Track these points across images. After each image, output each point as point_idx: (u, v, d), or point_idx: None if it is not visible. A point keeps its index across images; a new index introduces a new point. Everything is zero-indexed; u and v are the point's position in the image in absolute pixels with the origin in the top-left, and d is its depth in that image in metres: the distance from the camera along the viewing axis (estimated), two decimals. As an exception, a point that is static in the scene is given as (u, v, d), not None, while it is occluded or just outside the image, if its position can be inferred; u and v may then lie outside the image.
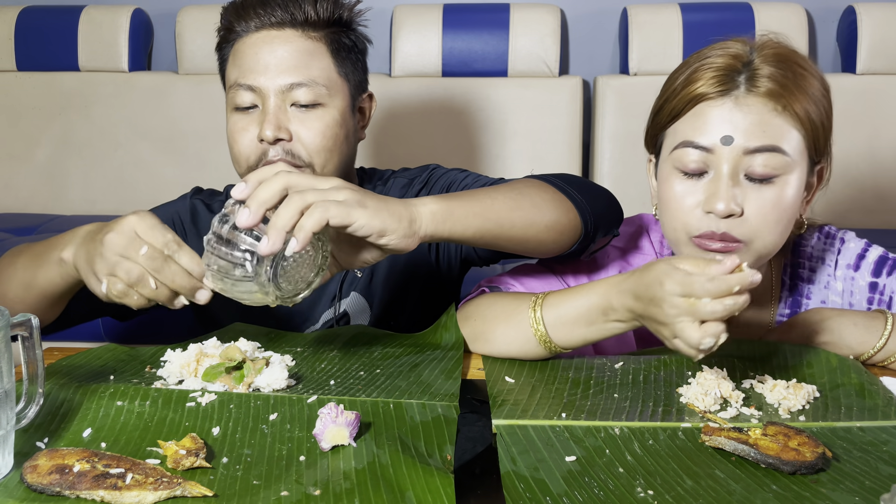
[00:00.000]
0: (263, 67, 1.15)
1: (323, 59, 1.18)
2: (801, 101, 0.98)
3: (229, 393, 0.90)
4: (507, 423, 0.84)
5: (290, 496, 0.69)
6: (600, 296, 0.93)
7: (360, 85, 1.26)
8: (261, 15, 1.17)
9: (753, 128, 0.97)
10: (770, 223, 0.98)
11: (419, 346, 1.06)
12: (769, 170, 0.97)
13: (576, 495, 0.71)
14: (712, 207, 0.97)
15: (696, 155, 0.99)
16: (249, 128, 1.17)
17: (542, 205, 1.00)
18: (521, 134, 2.63)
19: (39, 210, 2.72)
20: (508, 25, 2.63)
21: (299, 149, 1.16)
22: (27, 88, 2.74)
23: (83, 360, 1.00)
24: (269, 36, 1.17)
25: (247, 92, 1.16)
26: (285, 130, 1.15)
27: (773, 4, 2.60)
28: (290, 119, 1.16)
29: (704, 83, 0.99)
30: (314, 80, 1.16)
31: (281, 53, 1.16)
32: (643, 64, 2.60)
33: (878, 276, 1.11)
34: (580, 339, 0.96)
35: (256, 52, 1.16)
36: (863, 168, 2.51)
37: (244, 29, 1.18)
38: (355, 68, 1.24)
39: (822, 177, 1.07)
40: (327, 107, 1.17)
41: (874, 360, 1.01)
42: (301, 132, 1.16)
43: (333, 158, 1.19)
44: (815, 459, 0.74)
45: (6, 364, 0.72)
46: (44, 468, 0.70)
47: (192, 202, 1.30)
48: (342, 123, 1.19)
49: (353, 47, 1.23)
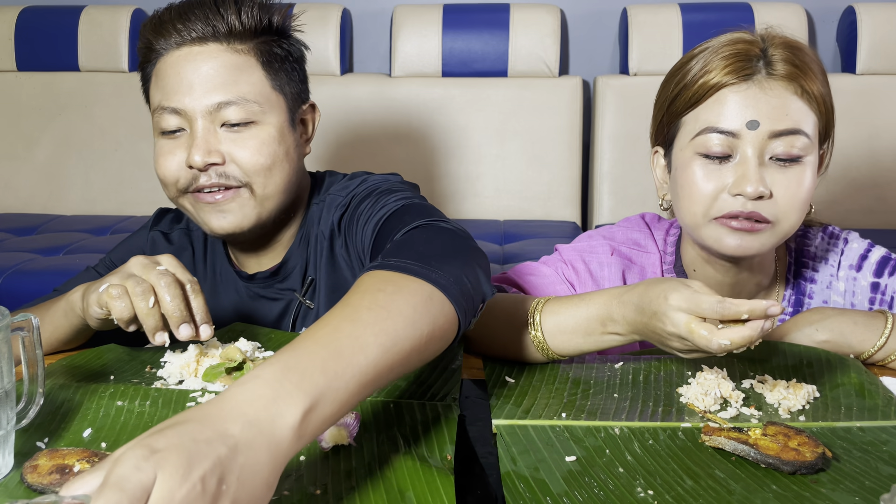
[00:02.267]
0: (187, 88, 1.06)
1: (253, 73, 1.08)
2: (816, 83, 1.01)
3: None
4: (507, 423, 0.84)
5: (290, 496, 0.69)
6: (600, 306, 0.93)
7: (298, 96, 1.15)
8: (180, 30, 1.07)
9: (777, 111, 0.99)
10: (797, 203, 1.00)
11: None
12: (795, 151, 0.99)
13: (576, 495, 0.71)
14: (742, 190, 0.99)
15: (721, 140, 1.00)
16: (176, 151, 1.08)
17: (415, 319, 0.73)
18: (521, 134, 2.63)
19: (39, 210, 2.72)
20: (508, 25, 2.63)
21: (234, 170, 1.07)
22: (27, 88, 2.74)
23: (83, 360, 1.00)
24: (191, 53, 1.07)
25: (172, 115, 1.07)
26: (216, 153, 1.06)
27: (773, 4, 2.61)
28: (220, 140, 1.07)
29: (724, 69, 1.00)
30: (244, 98, 1.07)
31: (205, 71, 1.06)
32: (643, 64, 2.60)
33: (879, 276, 1.12)
34: (576, 348, 0.96)
35: (178, 71, 1.07)
36: (863, 168, 2.51)
37: (164, 47, 1.08)
38: (291, 79, 1.13)
39: (823, 161, 1.08)
40: (262, 124, 1.08)
41: (874, 359, 1.01)
42: (235, 153, 1.07)
43: (274, 177, 1.09)
44: (815, 459, 0.74)
45: (6, 364, 0.72)
46: (44, 468, 0.70)
47: (152, 235, 1.25)
48: (280, 140, 1.09)
49: (286, 57, 1.13)
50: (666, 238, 1.17)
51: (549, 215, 2.63)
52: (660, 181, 1.12)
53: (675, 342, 0.85)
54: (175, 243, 1.23)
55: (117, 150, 2.70)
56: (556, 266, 1.15)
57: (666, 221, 1.20)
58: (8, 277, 2.11)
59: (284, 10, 1.14)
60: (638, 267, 1.15)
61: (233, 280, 1.20)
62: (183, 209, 1.13)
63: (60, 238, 2.42)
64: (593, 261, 1.14)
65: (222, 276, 1.21)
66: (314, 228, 1.17)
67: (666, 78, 1.09)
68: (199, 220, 1.11)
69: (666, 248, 1.16)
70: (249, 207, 1.09)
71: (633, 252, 1.16)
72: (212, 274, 1.21)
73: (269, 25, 1.11)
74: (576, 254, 1.15)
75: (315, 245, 1.17)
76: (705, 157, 1.01)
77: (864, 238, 1.17)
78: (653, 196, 2.55)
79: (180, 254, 1.21)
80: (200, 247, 1.23)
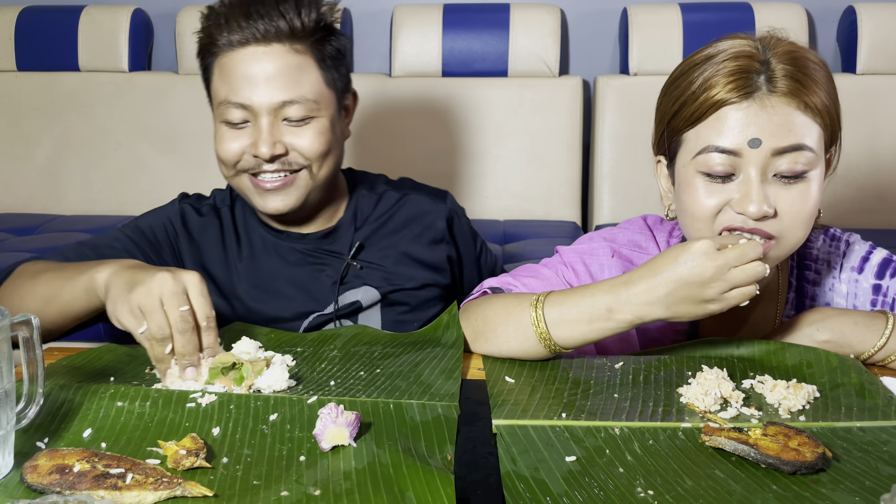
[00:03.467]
0: (254, 86, 1.16)
1: (311, 72, 1.19)
2: (818, 95, 0.98)
3: (229, 394, 0.90)
4: (507, 423, 0.84)
5: (290, 496, 0.69)
6: (605, 293, 0.94)
7: (345, 87, 1.27)
8: (244, 28, 1.15)
9: (779, 129, 0.96)
10: (802, 219, 0.99)
11: (419, 343, 1.06)
12: (798, 167, 0.97)
13: (576, 495, 0.71)
14: (744, 209, 0.97)
15: (723, 159, 0.98)
16: (240, 139, 1.19)
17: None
18: (521, 134, 2.63)
19: (39, 210, 2.72)
20: (508, 25, 2.63)
21: (296, 157, 1.19)
22: (27, 88, 2.74)
23: (83, 361, 1.00)
24: (256, 53, 1.16)
25: (238, 109, 1.17)
26: (280, 145, 1.17)
27: (773, 4, 2.61)
28: (283, 133, 1.18)
29: (724, 87, 0.98)
30: (304, 97, 1.17)
31: (270, 71, 1.16)
32: (643, 64, 2.60)
33: (881, 278, 1.11)
34: (581, 337, 0.96)
35: (245, 70, 1.16)
36: (863, 168, 2.50)
37: (227, 42, 1.17)
38: (339, 73, 1.24)
39: (831, 164, 1.06)
40: (318, 118, 1.20)
41: (874, 359, 1.01)
42: (297, 143, 1.18)
43: (329, 160, 1.22)
44: (815, 459, 0.74)
45: (6, 364, 0.72)
46: (44, 468, 0.70)
47: (182, 206, 1.30)
48: (332, 129, 1.22)
49: (337, 54, 1.23)
50: (669, 240, 1.17)
51: (549, 215, 2.63)
52: (664, 191, 1.11)
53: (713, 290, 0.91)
54: (205, 216, 1.30)
55: (117, 150, 2.70)
56: (557, 268, 1.14)
57: (668, 224, 1.19)
58: (8, 277, 2.11)
59: (336, 7, 1.24)
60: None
61: (274, 245, 1.29)
62: (236, 186, 1.24)
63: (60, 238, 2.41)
64: (594, 263, 1.14)
65: (263, 244, 1.29)
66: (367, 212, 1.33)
67: (666, 85, 1.07)
68: (253, 200, 1.23)
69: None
70: (305, 188, 1.21)
71: (634, 254, 1.15)
72: (247, 244, 1.29)
73: (324, 23, 1.21)
74: (576, 256, 1.15)
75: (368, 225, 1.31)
76: (708, 175, 0.99)
77: (865, 238, 1.17)
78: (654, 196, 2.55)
79: (209, 227, 1.29)
80: (229, 221, 1.30)
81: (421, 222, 1.33)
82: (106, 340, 1.90)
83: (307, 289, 1.27)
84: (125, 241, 1.23)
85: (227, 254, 1.28)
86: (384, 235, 1.31)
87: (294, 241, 1.28)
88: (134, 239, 1.23)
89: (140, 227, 1.26)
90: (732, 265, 0.90)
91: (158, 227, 1.27)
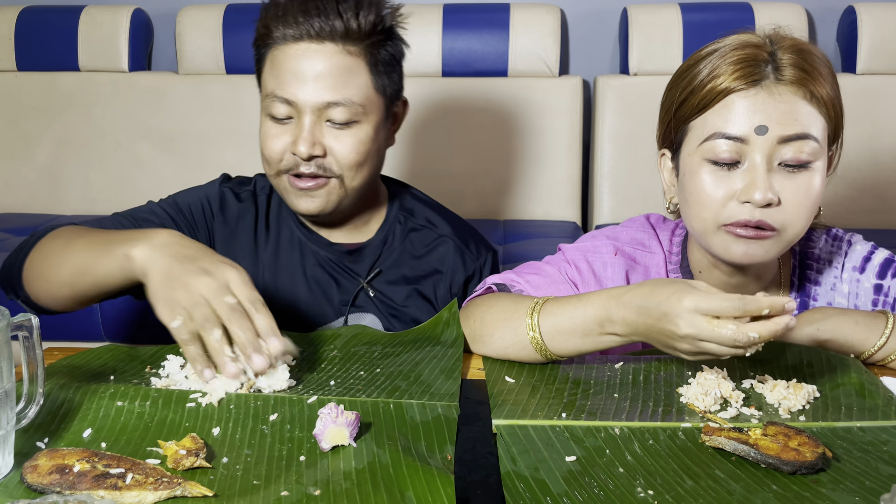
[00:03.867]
0: (301, 83, 1.15)
1: (361, 76, 1.17)
2: (824, 87, 0.99)
3: (229, 393, 0.90)
4: (507, 423, 0.84)
5: (290, 496, 0.69)
6: (598, 307, 0.93)
7: (395, 94, 1.25)
8: (300, 23, 1.14)
9: (786, 116, 0.97)
10: (804, 210, 0.99)
11: (419, 341, 1.06)
12: (803, 156, 0.98)
13: (576, 495, 0.71)
14: (750, 197, 0.97)
15: (729, 146, 0.98)
16: (283, 136, 1.18)
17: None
18: (521, 134, 2.63)
19: (39, 210, 2.72)
20: (508, 25, 2.63)
21: (331, 163, 1.17)
22: (27, 88, 2.73)
23: (83, 361, 1.00)
24: (308, 50, 1.15)
25: (283, 104, 1.16)
26: (319, 146, 1.16)
27: (773, 4, 2.60)
28: (324, 134, 1.17)
29: (732, 74, 0.99)
30: (350, 100, 1.15)
31: (320, 69, 1.15)
32: (643, 64, 2.60)
33: (882, 278, 1.12)
34: (574, 349, 0.96)
35: (295, 66, 1.15)
36: (863, 168, 2.50)
37: (282, 35, 1.16)
38: (391, 80, 1.22)
39: (832, 163, 1.07)
40: (361, 123, 1.18)
41: (874, 358, 1.01)
42: (335, 147, 1.17)
43: (363, 172, 1.20)
44: (815, 459, 0.74)
45: (6, 364, 0.72)
46: (44, 468, 0.70)
47: (222, 189, 1.30)
48: (374, 138, 1.20)
49: (391, 59, 1.22)
50: (672, 238, 1.17)
51: (549, 215, 2.63)
52: (667, 184, 1.11)
53: (685, 344, 0.85)
54: (244, 202, 1.29)
55: (117, 150, 2.70)
56: (560, 265, 1.14)
57: (671, 222, 1.19)
58: (8, 277, 2.11)
59: (397, 8, 1.22)
60: (642, 267, 1.15)
61: (300, 242, 1.28)
62: (276, 186, 1.24)
63: (60, 238, 2.41)
64: (597, 261, 1.14)
65: (290, 238, 1.29)
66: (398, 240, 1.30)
67: (673, 79, 1.08)
68: (288, 199, 1.22)
69: (672, 248, 1.16)
70: (336, 195, 1.20)
71: (637, 252, 1.15)
72: (275, 235, 1.29)
73: (382, 26, 1.19)
74: (579, 253, 1.15)
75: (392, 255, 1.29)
76: (714, 163, 1.00)
77: (865, 238, 1.17)
78: (653, 196, 2.55)
79: (245, 214, 1.29)
80: (264, 210, 1.30)
81: (444, 272, 1.30)
82: (106, 340, 1.90)
83: (319, 295, 1.26)
84: (163, 216, 1.23)
85: (257, 243, 1.28)
86: (403, 270, 1.29)
87: (320, 247, 1.28)
88: (171, 215, 1.23)
89: (178, 204, 1.26)
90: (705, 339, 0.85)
91: (196, 206, 1.27)
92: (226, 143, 2.65)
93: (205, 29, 2.67)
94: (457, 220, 1.37)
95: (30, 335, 0.76)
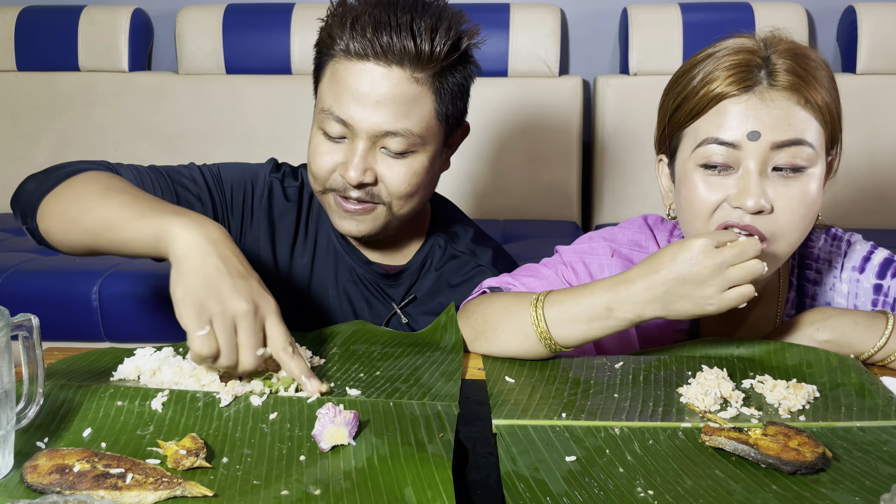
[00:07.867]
0: (361, 107, 1.07)
1: (424, 106, 1.10)
2: (819, 93, 0.98)
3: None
4: (507, 423, 0.84)
5: (290, 496, 0.69)
6: (604, 291, 0.94)
7: (458, 121, 1.18)
8: (367, 38, 1.05)
9: (779, 122, 0.96)
10: (797, 219, 0.98)
11: (418, 345, 1.06)
12: (797, 162, 0.97)
13: (576, 495, 0.71)
14: (742, 203, 0.97)
15: (722, 151, 0.98)
16: (334, 154, 1.11)
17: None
18: (521, 134, 2.63)
19: (39, 210, 2.72)
20: (508, 25, 2.63)
21: (381, 190, 1.12)
22: (27, 88, 2.74)
23: (83, 361, 1.00)
24: (373, 71, 1.07)
25: (338, 123, 1.09)
26: (371, 173, 1.10)
27: (773, 4, 2.61)
28: (377, 161, 1.10)
29: (725, 80, 0.98)
30: (410, 131, 1.09)
31: (382, 93, 1.07)
32: (643, 64, 2.60)
33: (882, 277, 1.11)
34: (581, 336, 0.96)
35: (356, 86, 1.07)
36: (863, 168, 2.51)
37: (345, 49, 1.08)
38: (455, 106, 1.15)
39: (832, 168, 1.07)
40: (417, 153, 1.12)
41: (874, 359, 1.01)
42: (387, 175, 1.11)
43: (412, 201, 1.15)
44: (815, 459, 0.74)
45: (6, 364, 0.72)
46: (44, 468, 0.70)
47: (271, 179, 1.25)
48: (429, 169, 1.14)
49: (459, 89, 1.14)
50: (669, 239, 1.17)
51: (549, 215, 2.63)
52: (665, 190, 1.11)
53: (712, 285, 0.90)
54: (290, 201, 1.25)
55: (117, 149, 2.70)
56: (556, 267, 1.14)
57: (669, 223, 1.19)
58: (8, 277, 2.11)
59: (475, 31, 1.14)
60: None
61: (336, 253, 1.25)
62: (321, 201, 1.18)
63: (60, 238, 2.41)
64: (593, 262, 1.14)
65: (327, 247, 1.25)
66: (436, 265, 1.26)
67: (668, 85, 1.07)
68: (332, 217, 1.17)
69: None
70: (382, 220, 1.15)
71: (634, 253, 1.15)
72: (312, 241, 1.25)
73: (458, 50, 1.11)
74: (576, 255, 1.15)
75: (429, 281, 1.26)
76: (706, 167, 0.99)
77: (865, 238, 1.17)
78: (654, 196, 2.55)
79: (289, 213, 1.25)
80: (306, 212, 1.26)
81: None
82: (106, 340, 1.90)
83: (348, 310, 1.24)
84: (201, 184, 1.18)
85: (295, 245, 1.24)
86: (439, 298, 1.25)
87: (356, 262, 1.24)
88: (210, 187, 1.19)
89: (222, 178, 1.21)
90: (730, 263, 0.90)
91: (238, 188, 1.22)
92: (226, 142, 2.66)
93: (205, 29, 2.67)
94: (497, 248, 1.32)
95: (30, 335, 0.76)
